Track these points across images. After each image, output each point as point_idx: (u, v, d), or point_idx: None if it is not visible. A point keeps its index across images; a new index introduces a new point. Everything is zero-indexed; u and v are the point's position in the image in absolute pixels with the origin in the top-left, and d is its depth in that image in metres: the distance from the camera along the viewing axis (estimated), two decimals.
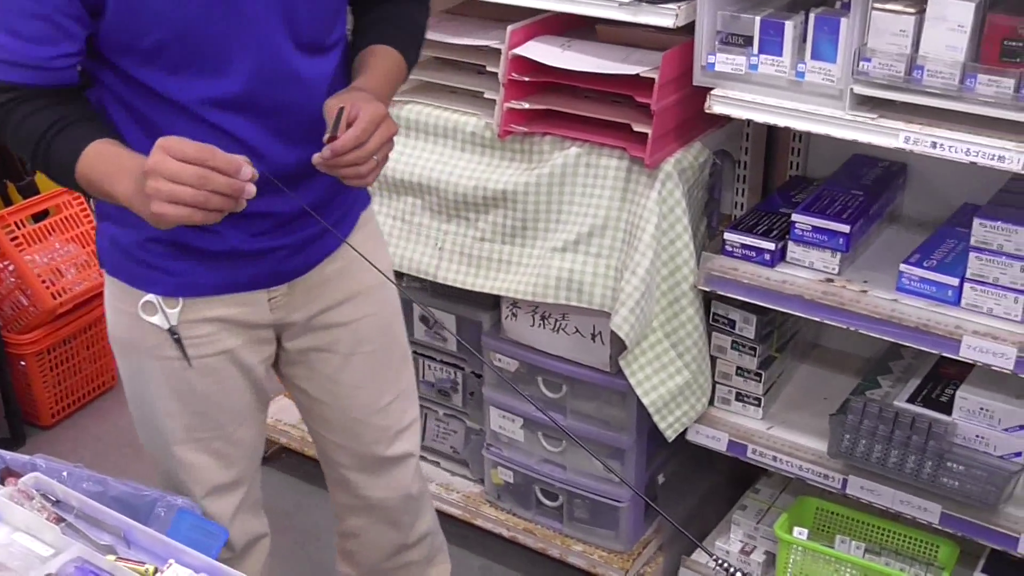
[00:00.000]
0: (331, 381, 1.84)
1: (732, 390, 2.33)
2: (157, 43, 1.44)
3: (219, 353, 1.69)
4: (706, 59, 2.01)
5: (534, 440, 2.53)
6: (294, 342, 1.79)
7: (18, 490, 1.19)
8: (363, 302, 1.81)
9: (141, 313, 1.62)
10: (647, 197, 2.13)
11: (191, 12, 1.43)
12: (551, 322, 2.39)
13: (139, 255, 1.61)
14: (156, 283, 1.63)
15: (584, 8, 2.08)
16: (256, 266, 1.66)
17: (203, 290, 1.64)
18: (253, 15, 1.47)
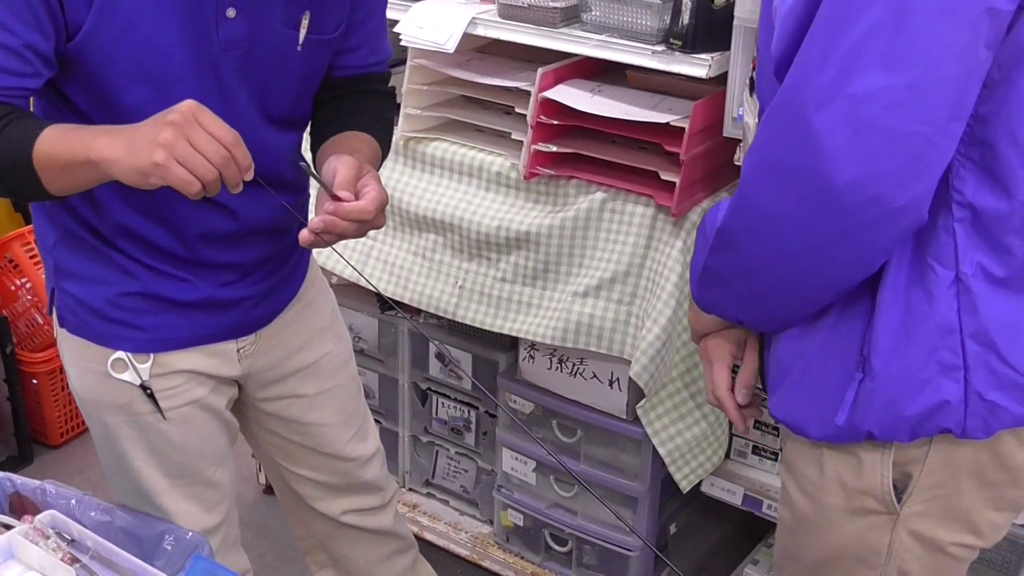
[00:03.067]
0: (299, 422, 1.84)
1: (749, 443, 2.31)
2: (136, 103, 1.42)
3: (190, 403, 1.67)
4: (737, 111, 2.00)
5: (546, 484, 2.51)
6: (262, 391, 1.79)
7: (33, 528, 1.18)
8: (321, 341, 1.83)
9: (111, 371, 1.60)
10: (672, 246, 2.11)
11: (176, 72, 1.43)
12: (568, 366, 2.37)
13: (109, 313, 1.59)
14: (126, 340, 1.60)
15: (617, 54, 2.07)
16: (227, 316, 1.66)
17: (174, 343, 1.63)
18: (229, 82, 1.48)
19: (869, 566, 1.35)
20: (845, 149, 1.08)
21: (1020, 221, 1.16)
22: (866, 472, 1.30)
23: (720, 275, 1.29)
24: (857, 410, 1.25)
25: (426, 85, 2.36)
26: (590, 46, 2.11)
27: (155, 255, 1.58)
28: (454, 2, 2.31)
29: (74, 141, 1.33)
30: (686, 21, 1.99)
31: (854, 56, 1.05)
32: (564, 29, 2.14)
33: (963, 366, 1.20)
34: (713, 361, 1.49)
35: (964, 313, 1.19)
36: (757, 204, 1.17)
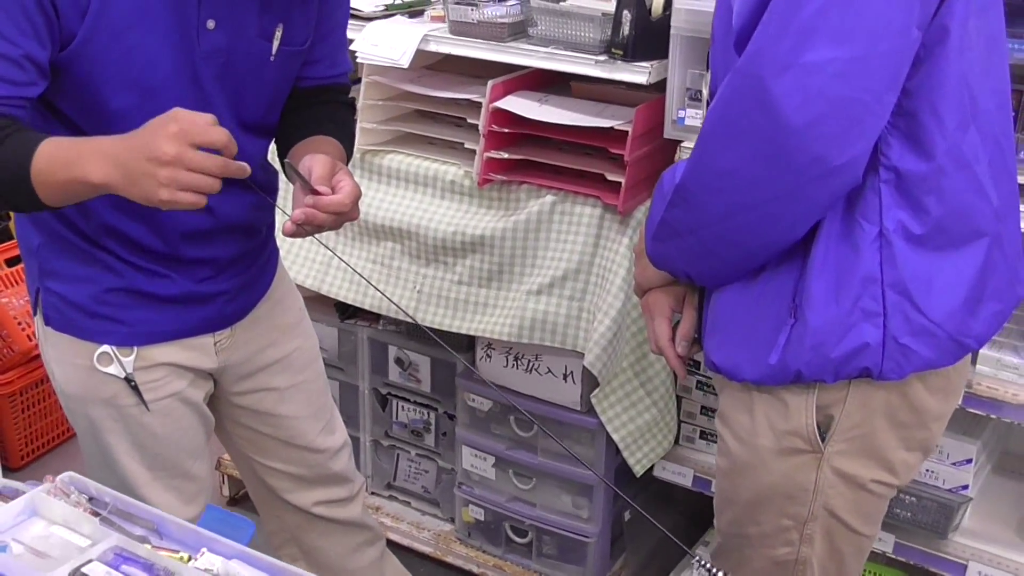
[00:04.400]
0: (271, 415, 1.93)
1: (697, 428, 2.45)
2: (122, 107, 1.51)
3: (170, 395, 1.76)
4: (677, 114, 2.16)
5: (505, 478, 2.63)
6: (236, 385, 1.88)
7: (55, 487, 1.26)
8: (291, 336, 1.93)
9: (97, 365, 1.68)
10: (619, 243, 2.26)
11: (160, 79, 1.52)
12: (524, 362, 2.49)
13: (94, 308, 1.66)
14: (111, 334, 1.68)
15: (563, 65, 2.22)
16: (204, 310, 1.75)
17: (156, 337, 1.71)
18: (208, 89, 1.57)
19: (798, 502, 1.49)
20: (797, 112, 1.23)
21: (936, 183, 1.32)
22: (792, 414, 1.44)
23: (675, 229, 1.42)
24: (788, 351, 1.39)
25: (381, 100, 2.49)
26: (537, 58, 2.25)
27: (137, 253, 1.67)
28: (405, 21, 2.44)
29: (70, 161, 1.39)
30: (626, 32, 2.14)
31: (807, 30, 1.20)
32: (512, 43, 2.28)
33: (883, 312, 1.36)
34: (654, 314, 1.63)
35: (885, 265, 1.34)
36: (714, 161, 1.32)
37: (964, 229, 1.36)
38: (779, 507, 1.50)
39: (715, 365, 1.50)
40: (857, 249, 1.34)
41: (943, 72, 1.28)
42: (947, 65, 1.28)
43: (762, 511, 1.52)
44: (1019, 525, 2.20)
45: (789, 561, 1.53)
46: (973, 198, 1.35)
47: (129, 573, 1.13)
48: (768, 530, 1.53)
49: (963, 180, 1.33)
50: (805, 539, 1.51)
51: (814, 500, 1.48)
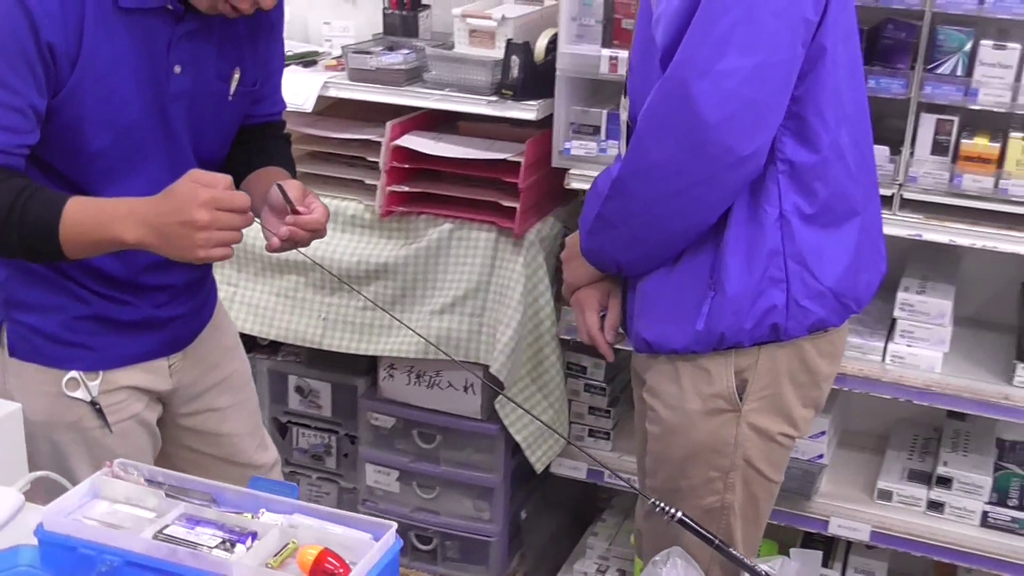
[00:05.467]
0: (214, 434, 2.05)
1: (586, 427, 2.73)
2: (101, 147, 1.65)
3: (130, 417, 1.87)
4: (563, 145, 2.46)
5: (409, 491, 2.82)
6: (184, 407, 2.00)
7: (112, 471, 1.39)
8: (231, 358, 2.07)
9: (65, 390, 1.79)
10: (515, 263, 2.53)
11: (132, 121, 1.67)
12: (426, 379, 2.71)
13: (64, 336, 1.78)
14: (79, 359, 1.79)
15: (458, 105, 2.49)
16: (162, 334, 1.88)
17: (121, 361, 1.83)
18: (175, 128, 1.73)
19: (722, 455, 1.78)
20: (713, 110, 1.52)
21: (822, 171, 1.65)
22: (715, 380, 1.74)
23: (610, 221, 1.69)
24: (712, 318, 1.68)
25: None
26: (434, 100, 2.51)
27: (104, 282, 1.80)
28: (301, 70, 2.66)
29: (102, 223, 1.55)
30: (515, 75, 2.44)
31: (721, 42, 1.50)
32: (409, 88, 2.54)
33: (785, 279, 1.67)
34: (584, 308, 1.90)
35: (786, 240, 1.66)
36: (647, 154, 1.60)
37: (843, 209, 1.70)
38: (706, 460, 1.79)
39: (646, 342, 1.78)
40: (763, 228, 1.65)
41: (823, 81, 1.61)
42: (826, 76, 1.61)
43: (692, 466, 1.80)
44: (863, 486, 2.58)
45: (715, 508, 1.81)
46: (848, 183, 1.69)
47: (205, 531, 1.29)
48: (697, 482, 1.81)
49: (841, 168, 1.67)
50: (728, 487, 1.80)
51: (735, 452, 1.77)
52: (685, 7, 1.54)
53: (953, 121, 2.17)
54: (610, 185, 1.66)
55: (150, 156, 1.72)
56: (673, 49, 1.55)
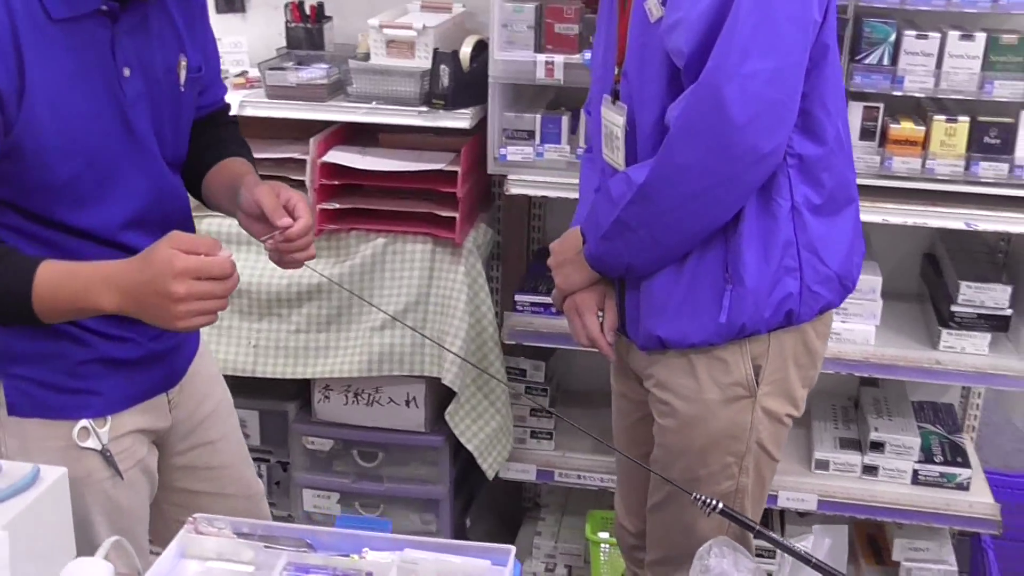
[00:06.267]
0: (208, 469, 1.99)
1: (528, 429, 2.75)
2: (71, 176, 1.55)
3: (136, 464, 1.77)
4: (499, 152, 2.46)
5: (351, 511, 2.76)
6: (179, 444, 1.91)
7: (196, 529, 1.31)
8: (216, 386, 2.00)
9: (77, 441, 1.67)
10: (455, 272, 2.51)
11: (97, 139, 1.57)
12: (365, 397, 2.66)
13: (69, 384, 1.67)
14: (87, 407, 1.69)
15: (388, 118, 2.45)
16: (161, 368, 1.80)
17: (125, 402, 1.73)
18: (141, 135, 1.64)
19: (739, 441, 1.83)
20: (741, 111, 1.56)
21: (828, 162, 1.73)
22: (732, 369, 1.79)
23: (629, 225, 1.71)
24: (733, 310, 1.73)
25: None
26: (361, 114, 2.46)
27: (103, 321, 1.69)
28: None
29: (76, 292, 1.46)
30: (446, 84, 2.42)
31: (744, 47, 1.55)
32: (332, 102, 2.47)
33: (799, 268, 1.74)
34: (583, 312, 1.91)
35: (798, 231, 1.72)
36: (674, 157, 1.62)
37: (844, 197, 1.78)
38: (725, 447, 1.84)
39: (660, 339, 1.80)
40: (776, 221, 1.71)
41: (827, 77, 1.69)
42: (830, 72, 1.69)
43: (711, 454, 1.85)
44: (800, 458, 2.70)
45: (730, 492, 1.87)
46: (848, 172, 1.77)
47: None
48: (715, 469, 1.86)
49: (843, 158, 1.76)
50: (743, 471, 1.86)
51: (750, 437, 1.83)
52: (709, 14, 1.57)
53: (879, 108, 2.30)
54: (636, 190, 1.68)
55: (122, 171, 1.60)
56: (699, 55, 1.58)
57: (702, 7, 1.57)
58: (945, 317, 2.48)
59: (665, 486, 1.91)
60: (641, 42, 1.70)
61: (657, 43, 1.67)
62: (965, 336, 2.46)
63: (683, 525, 1.91)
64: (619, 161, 1.79)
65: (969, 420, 2.84)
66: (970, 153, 2.27)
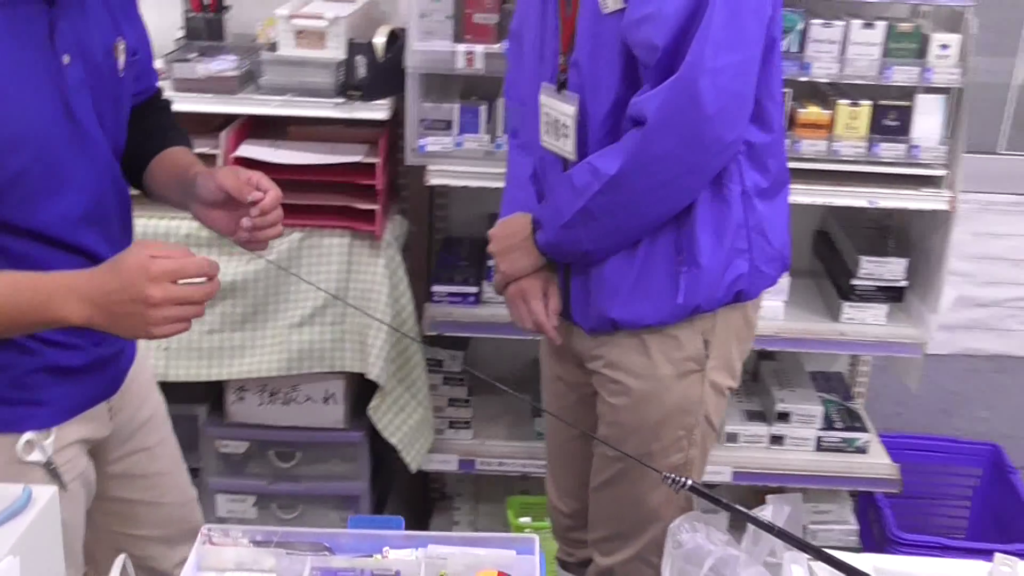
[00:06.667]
0: (144, 477, 1.93)
1: (446, 420, 2.74)
2: (18, 170, 1.47)
3: (78, 476, 1.71)
4: (417, 143, 2.44)
5: (268, 514, 2.71)
6: (116, 451, 1.85)
7: (209, 540, 1.26)
8: (153, 391, 1.95)
9: (21, 455, 1.60)
10: (375, 265, 2.48)
11: (42, 131, 1.49)
12: (281, 396, 2.61)
13: (13, 395, 1.59)
14: (33, 417, 1.62)
15: (303, 110, 2.39)
16: (104, 375, 1.73)
17: (70, 412, 1.67)
18: (86, 124, 1.57)
19: (690, 414, 1.90)
20: (712, 103, 1.62)
21: (774, 149, 1.80)
22: (684, 345, 1.85)
23: (594, 214, 1.74)
24: (688, 291, 1.79)
25: None
26: (275, 106, 2.40)
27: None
28: None
29: (38, 304, 1.38)
30: (362, 75, 2.38)
31: (715, 42, 1.60)
32: (244, 95, 2.41)
33: (749, 249, 1.82)
34: (530, 298, 1.93)
35: (748, 214, 1.80)
36: (651, 148, 1.66)
37: (782, 179, 1.87)
38: (677, 421, 1.90)
39: (613, 321, 1.85)
40: (728, 205, 1.78)
41: (774, 69, 1.76)
42: (775, 63, 1.76)
43: (664, 428, 1.90)
44: None
45: (680, 465, 1.93)
46: (785, 156, 1.86)
47: None
48: (667, 443, 1.91)
49: (783, 144, 1.84)
50: (692, 443, 1.92)
51: (699, 410, 1.90)
52: (684, 10, 1.61)
53: (788, 93, 2.40)
54: (606, 181, 1.71)
55: (70, 164, 1.53)
56: (673, 49, 1.62)
57: (677, 3, 1.61)
58: (845, 291, 2.61)
59: (615, 463, 1.96)
60: (593, 32, 1.73)
61: (611, 34, 1.71)
62: (865, 308, 2.60)
63: (633, 499, 1.96)
64: (568, 149, 1.81)
65: (858, 387, 3.01)
66: (871, 135, 2.40)
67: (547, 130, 1.87)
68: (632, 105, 1.70)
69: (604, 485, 2.01)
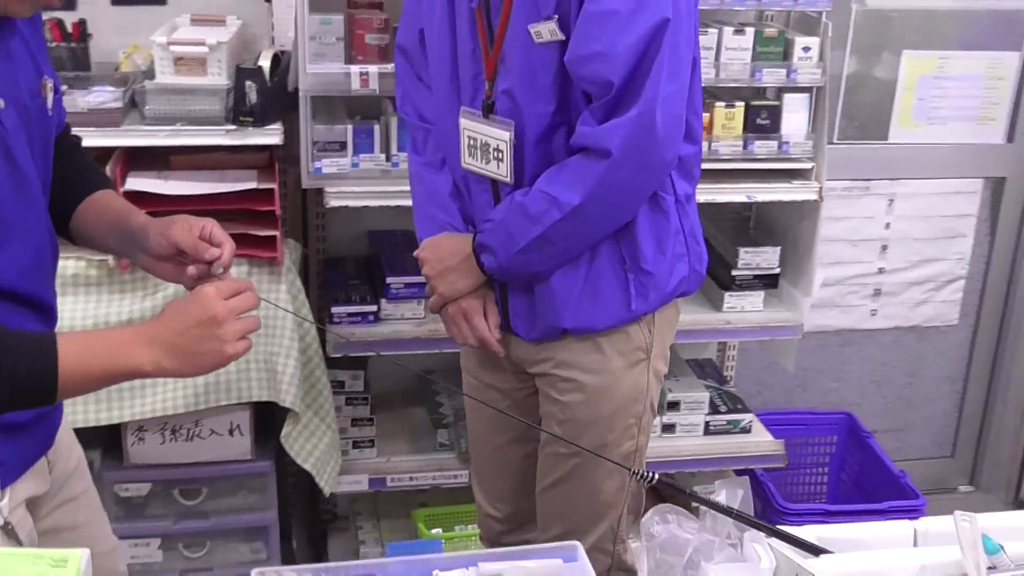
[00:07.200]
0: (71, 528, 1.85)
1: (350, 440, 2.73)
2: None
3: (27, 535, 1.63)
4: (312, 166, 2.43)
5: (175, 555, 2.63)
6: (47, 505, 1.79)
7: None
8: (74, 440, 1.89)
9: None
10: (278, 291, 2.45)
11: None
12: (184, 432, 2.54)
13: None
14: None
15: (192, 139, 2.35)
16: (44, 428, 1.67)
17: (23, 468, 1.60)
18: (25, 169, 1.51)
19: (638, 401, 1.98)
20: (663, 128, 1.70)
21: (698, 158, 1.92)
22: (633, 338, 1.94)
23: (552, 240, 1.79)
24: (640, 297, 1.88)
25: None
26: (164, 136, 2.34)
27: None
28: None
29: (109, 353, 1.39)
30: (253, 100, 2.36)
31: (665, 73, 1.68)
32: (130, 127, 2.33)
33: (687, 253, 1.92)
34: (472, 316, 1.97)
35: (683, 220, 1.90)
36: (612, 178, 1.72)
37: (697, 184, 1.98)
38: (628, 410, 1.97)
39: (566, 330, 1.91)
40: (666, 215, 1.87)
41: (696, 86, 1.86)
42: (697, 81, 1.87)
43: (618, 418, 1.97)
44: None
45: (631, 452, 2.01)
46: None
47: None
48: (620, 432, 1.98)
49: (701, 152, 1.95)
50: (641, 430, 2.01)
51: (645, 397, 1.99)
52: (638, 47, 1.68)
53: None
54: (569, 210, 1.76)
55: (14, 213, 1.47)
56: (626, 84, 1.69)
57: (630, 41, 1.68)
58: (726, 281, 2.77)
59: (569, 460, 2.02)
60: (526, 60, 1.79)
61: (545, 63, 1.78)
62: (744, 296, 2.77)
63: (588, 493, 2.03)
64: (503, 173, 1.86)
65: (726, 371, 3.19)
66: (746, 134, 2.56)
67: (471, 153, 1.90)
68: (586, 136, 1.75)
69: (557, 483, 2.06)
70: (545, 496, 2.10)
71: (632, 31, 1.67)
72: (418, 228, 2.05)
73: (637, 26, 1.67)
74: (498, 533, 2.28)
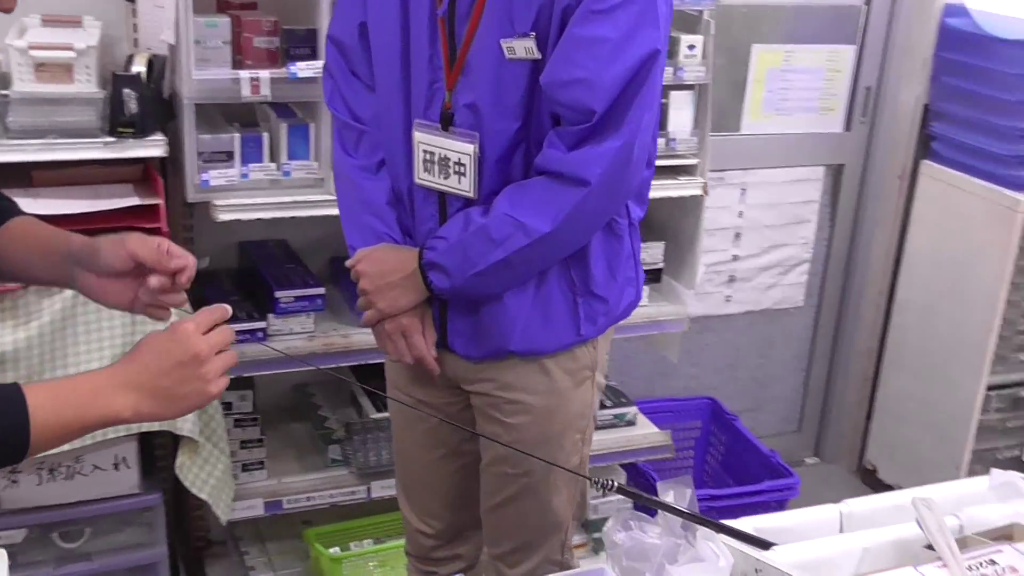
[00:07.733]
0: None
1: (239, 463, 2.59)
2: None
3: None
4: (199, 178, 2.27)
5: None
6: None
7: None
8: None
9: None
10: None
11: None
12: (62, 471, 2.34)
13: None
14: None
15: (67, 154, 2.17)
16: None
17: None
18: None
19: (584, 417, 1.96)
20: (637, 156, 1.68)
21: (649, 183, 1.90)
22: (579, 357, 1.91)
23: (514, 264, 1.74)
24: (589, 321, 1.86)
25: None
26: (34, 151, 2.14)
27: None
28: None
29: (80, 405, 1.25)
30: (133, 110, 2.19)
31: (642, 103, 1.65)
32: None
33: (636, 277, 1.92)
34: (410, 333, 1.89)
35: (634, 244, 1.89)
36: (588, 207, 1.69)
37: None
38: (575, 426, 1.95)
39: (514, 352, 1.86)
40: (620, 239, 1.85)
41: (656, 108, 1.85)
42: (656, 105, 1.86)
43: (566, 435, 1.94)
44: None
45: (578, 465, 1.99)
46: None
47: None
48: (568, 448, 1.96)
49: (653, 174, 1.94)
50: (585, 443, 1.99)
51: (590, 411, 1.97)
52: (624, 77, 1.63)
53: None
54: (537, 237, 1.71)
55: None
56: (608, 113, 1.65)
57: (617, 71, 1.63)
58: None
59: (519, 479, 1.98)
60: (495, 76, 1.72)
61: (515, 80, 1.72)
62: None
63: (539, 510, 2.00)
64: (465, 188, 1.79)
65: None
66: None
67: (427, 168, 1.81)
68: (558, 161, 1.70)
69: (508, 502, 2.02)
70: (495, 515, 2.05)
71: (620, 61, 1.62)
72: (348, 235, 1.94)
73: (626, 56, 1.63)
74: (429, 549, 2.21)
